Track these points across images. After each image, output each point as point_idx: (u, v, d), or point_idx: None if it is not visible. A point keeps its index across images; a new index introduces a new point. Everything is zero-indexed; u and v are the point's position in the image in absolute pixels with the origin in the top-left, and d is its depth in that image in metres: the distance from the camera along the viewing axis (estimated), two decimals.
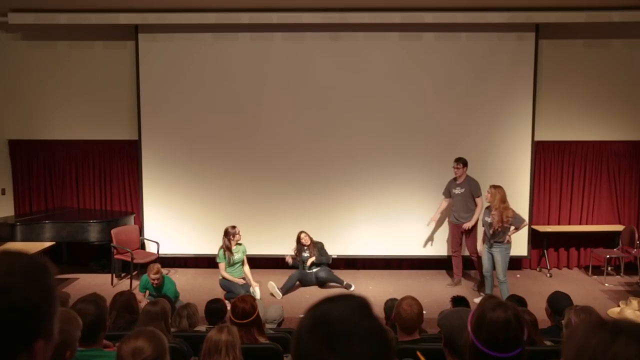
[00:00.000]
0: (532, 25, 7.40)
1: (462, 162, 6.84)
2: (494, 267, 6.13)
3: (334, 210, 7.62)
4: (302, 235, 6.90)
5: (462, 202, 6.84)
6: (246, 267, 6.60)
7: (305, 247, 6.89)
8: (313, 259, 6.84)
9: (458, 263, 7.05)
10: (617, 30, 7.54)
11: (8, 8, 7.28)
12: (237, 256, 6.43)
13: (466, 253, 7.10)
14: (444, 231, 7.68)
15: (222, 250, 6.43)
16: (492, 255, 6.08)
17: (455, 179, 6.92)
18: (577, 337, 1.06)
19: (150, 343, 1.99)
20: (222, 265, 6.40)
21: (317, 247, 6.95)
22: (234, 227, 6.45)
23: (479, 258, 6.57)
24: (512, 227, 6.01)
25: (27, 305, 0.91)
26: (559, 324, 3.83)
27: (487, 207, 6.13)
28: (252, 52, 7.55)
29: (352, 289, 6.75)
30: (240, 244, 6.52)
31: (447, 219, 7.45)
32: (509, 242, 6.05)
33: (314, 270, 6.88)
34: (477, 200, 6.79)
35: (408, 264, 7.86)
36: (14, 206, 8.03)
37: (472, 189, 6.81)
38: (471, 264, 7.18)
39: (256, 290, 6.42)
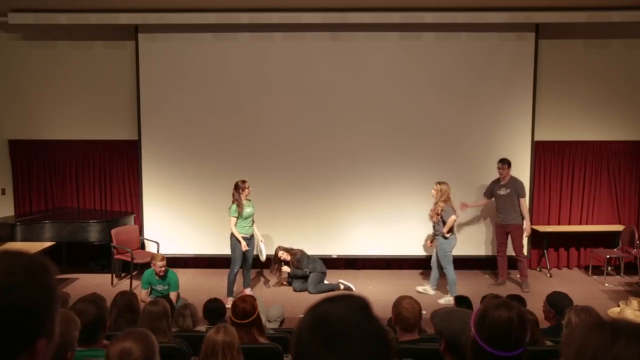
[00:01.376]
0: (532, 25, 7.40)
1: (506, 163, 6.84)
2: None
3: (334, 210, 7.62)
4: (280, 252, 6.88)
5: (508, 202, 6.83)
6: (254, 226, 6.60)
7: (286, 263, 6.90)
8: (287, 269, 6.87)
9: (503, 263, 7.06)
10: (617, 30, 7.54)
11: (8, 8, 7.28)
12: (248, 210, 6.40)
13: (511, 253, 7.09)
14: None
15: (234, 205, 6.33)
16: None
17: (498, 180, 6.92)
18: (576, 337, 1.05)
19: (138, 344, 1.95)
20: (233, 220, 6.33)
21: (296, 258, 6.86)
22: (244, 181, 6.41)
23: (524, 259, 7.00)
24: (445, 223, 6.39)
25: (27, 305, 0.91)
26: (559, 324, 3.83)
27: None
28: (252, 52, 7.55)
29: (353, 289, 6.75)
30: (249, 200, 6.47)
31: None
32: (445, 236, 6.42)
33: (303, 284, 6.85)
34: (522, 200, 6.83)
35: (408, 264, 7.86)
36: (14, 206, 8.03)
37: (518, 190, 6.81)
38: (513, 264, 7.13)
39: (262, 248, 6.59)
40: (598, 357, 0.99)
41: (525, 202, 6.94)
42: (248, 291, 6.57)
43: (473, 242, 7.68)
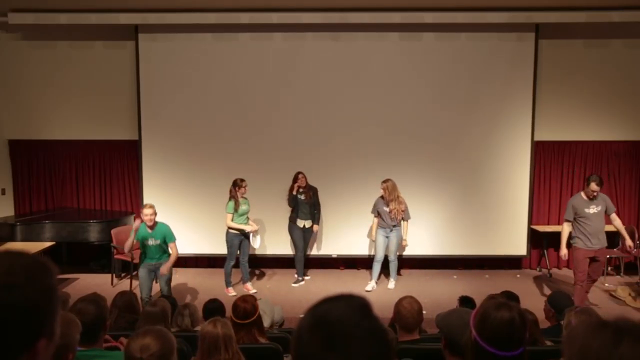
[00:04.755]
0: (532, 25, 7.40)
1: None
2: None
3: (334, 210, 7.62)
4: (300, 175, 7.01)
5: (600, 221, 5.86)
6: (250, 222, 6.84)
7: (301, 189, 7.00)
8: (316, 227, 7.21)
9: (584, 295, 6.04)
10: (617, 30, 7.54)
11: (8, 8, 7.28)
12: (244, 207, 6.64)
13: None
14: (444, 231, 7.69)
15: (231, 201, 6.59)
16: (389, 240, 6.84)
17: (580, 197, 5.88)
18: (578, 337, 1.05)
19: (157, 341, 2.03)
20: (229, 216, 6.59)
21: (312, 191, 7.11)
22: (242, 180, 6.63)
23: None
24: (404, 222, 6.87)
25: (28, 305, 0.91)
26: (560, 324, 3.83)
27: (382, 197, 6.82)
28: (252, 52, 7.55)
29: (301, 283, 7.10)
30: (245, 198, 6.68)
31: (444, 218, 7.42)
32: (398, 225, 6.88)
33: (307, 227, 7.11)
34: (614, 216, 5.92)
35: (408, 263, 7.87)
36: (14, 206, 8.03)
37: (609, 204, 5.91)
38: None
39: (252, 237, 6.71)
40: (602, 358, 0.98)
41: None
42: (249, 286, 6.80)
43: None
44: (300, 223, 7.08)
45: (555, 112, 7.70)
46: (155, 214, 5.76)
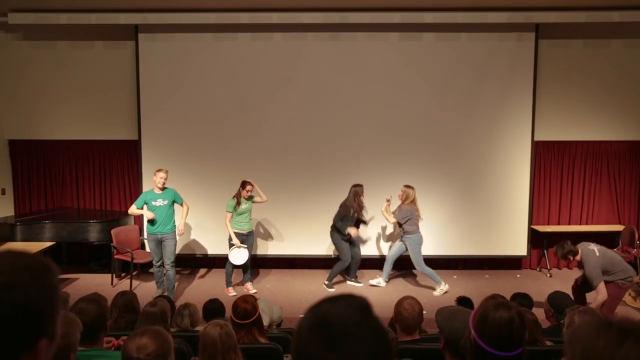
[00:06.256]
0: (532, 25, 7.40)
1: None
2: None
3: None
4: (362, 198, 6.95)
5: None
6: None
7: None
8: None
9: None
10: (617, 30, 7.54)
11: (8, 8, 7.28)
12: (244, 207, 6.66)
13: None
14: (444, 231, 7.68)
15: (231, 200, 6.65)
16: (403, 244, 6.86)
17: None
18: (582, 336, 1.04)
19: (154, 340, 2.03)
20: (227, 215, 6.66)
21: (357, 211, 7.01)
22: (246, 182, 6.65)
23: None
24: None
25: (30, 304, 0.91)
26: (560, 324, 3.83)
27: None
28: (252, 52, 7.55)
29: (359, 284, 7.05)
30: (247, 199, 6.70)
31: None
32: (409, 233, 6.76)
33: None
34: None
35: (408, 263, 7.84)
36: (14, 206, 8.04)
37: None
38: None
39: (238, 252, 6.61)
40: (605, 358, 0.98)
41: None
42: (249, 286, 6.80)
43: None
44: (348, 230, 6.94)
45: (555, 112, 7.70)
46: (166, 178, 6.27)
